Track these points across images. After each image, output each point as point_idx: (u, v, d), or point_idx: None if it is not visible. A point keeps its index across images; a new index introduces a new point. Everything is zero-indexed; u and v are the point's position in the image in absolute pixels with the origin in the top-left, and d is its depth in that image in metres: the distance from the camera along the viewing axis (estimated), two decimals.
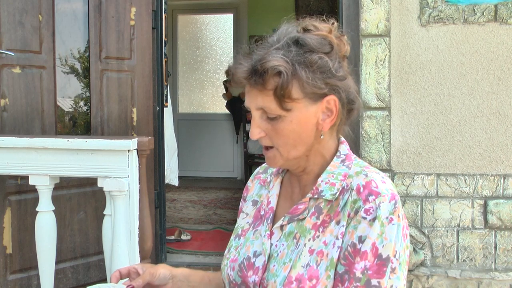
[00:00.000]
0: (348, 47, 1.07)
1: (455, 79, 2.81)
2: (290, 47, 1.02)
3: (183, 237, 3.85)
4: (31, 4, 2.70)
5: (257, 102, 1.03)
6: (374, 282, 0.97)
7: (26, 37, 2.70)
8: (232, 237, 1.20)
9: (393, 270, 0.98)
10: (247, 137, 6.13)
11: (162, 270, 1.18)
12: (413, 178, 2.84)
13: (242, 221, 1.21)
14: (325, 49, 1.03)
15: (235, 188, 6.00)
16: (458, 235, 2.83)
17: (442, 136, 2.82)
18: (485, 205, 2.80)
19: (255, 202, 1.21)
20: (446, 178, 2.82)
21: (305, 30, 1.05)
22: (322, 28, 1.05)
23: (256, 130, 1.05)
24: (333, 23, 1.07)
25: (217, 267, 3.29)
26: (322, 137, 1.06)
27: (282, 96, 1.00)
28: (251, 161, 6.16)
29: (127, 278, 1.18)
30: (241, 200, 1.27)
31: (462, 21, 2.79)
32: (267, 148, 1.07)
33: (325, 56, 1.02)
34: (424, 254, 2.84)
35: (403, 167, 2.85)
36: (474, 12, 2.77)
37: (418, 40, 2.82)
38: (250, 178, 1.29)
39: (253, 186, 1.25)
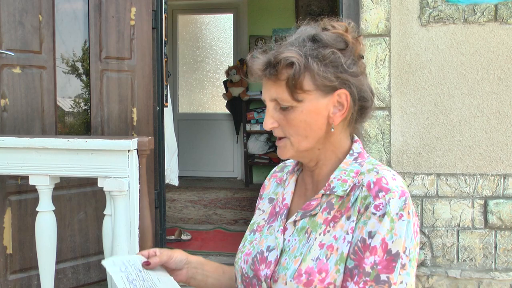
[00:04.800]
0: (363, 47, 1.12)
1: (455, 79, 2.81)
2: (305, 42, 1.07)
3: (183, 237, 3.85)
4: (31, 4, 2.70)
5: (271, 93, 1.08)
6: (383, 277, 0.98)
7: (26, 37, 2.70)
8: (247, 232, 1.23)
9: (403, 266, 0.99)
10: (247, 137, 6.13)
11: (178, 255, 1.22)
12: (413, 178, 2.84)
13: (258, 218, 1.24)
14: (340, 45, 1.07)
15: (235, 188, 6.00)
16: (458, 235, 2.83)
17: (442, 136, 2.82)
18: (485, 205, 2.80)
19: (271, 200, 1.24)
20: (446, 178, 2.82)
21: (324, 29, 1.10)
22: (339, 27, 1.10)
23: (270, 120, 1.10)
24: (349, 23, 1.12)
25: (218, 263, 3.29)
26: (332, 130, 1.09)
27: (293, 86, 1.04)
28: (251, 161, 6.16)
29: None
30: (258, 198, 1.31)
31: (462, 21, 2.79)
32: (280, 138, 1.11)
33: (338, 52, 1.06)
34: (424, 254, 2.84)
35: (403, 167, 2.85)
36: (474, 12, 2.77)
37: (418, 40, 2.82)
38: (267, 177, 1.32)
39: (269, 184, 1.29)
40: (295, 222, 1.11)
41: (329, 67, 1.05)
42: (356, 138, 1.16)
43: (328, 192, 1.09)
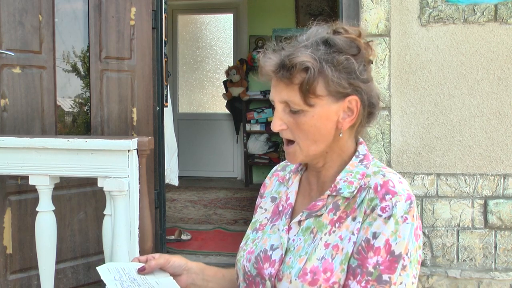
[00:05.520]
0: (374, 52, 1.12)
1: (455, 79, 2.81)
2: (319, 46, 1.06)
3: (183, 237, 3.85)
4: (31, 4, 2.70)
5: (282, 95, 1.07)
6: (385, 277, 1.00)
7: (26, 37, 2.70)
8: (249, 230, 1.24)
9: (404, 267, 1.01)
10: (247, 137, 6.13)
11: (177, 259, 1.23)
12: (413, 178, 2.84)
13: (261, 216, 1.24)
14: (353, 51, 1.07)
15: (235, 188, 6.00)
16: (458, 235, 2.83)
17: (442, 136, 2.82)
18: (485, 205, 2.80)
19: (273, 199, 1.24)
20: (446, 178, 2.82)
21: (335, 32, 1.09)
22: (351, 32, 1.09)
23: (278, 122, 1.09)
24: (363, 27, 1.11)
25: (217, 267, 3.29)
26: (341, 135, 1.09)
27: (307, 91, 1.04)
28: (251, 161, 6.16)
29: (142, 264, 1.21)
30: (258, 197, 1.31)
31: (462, 21, 2.79)
32: (288, 143, 1.11)
33: (351, 58, 1.06)
34: (424, 254, 2.84)
35: (403, 167, 2.85)
36: (474, 12, 2.77)
37: (418, 40, 2.82)
38: (268, 175, 1.32)
39: (271, 183, 1.29)
40: (300, 222, 1.12)
41: (343, 73, 1.05)
42: (360, 140, 1.16)
43: (334, 193, 1.10)
